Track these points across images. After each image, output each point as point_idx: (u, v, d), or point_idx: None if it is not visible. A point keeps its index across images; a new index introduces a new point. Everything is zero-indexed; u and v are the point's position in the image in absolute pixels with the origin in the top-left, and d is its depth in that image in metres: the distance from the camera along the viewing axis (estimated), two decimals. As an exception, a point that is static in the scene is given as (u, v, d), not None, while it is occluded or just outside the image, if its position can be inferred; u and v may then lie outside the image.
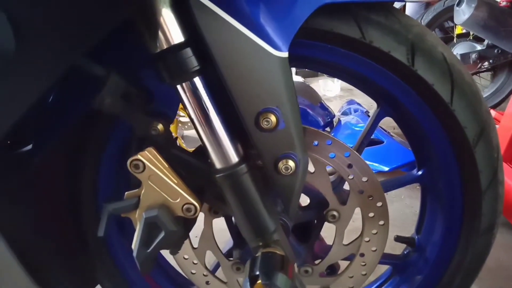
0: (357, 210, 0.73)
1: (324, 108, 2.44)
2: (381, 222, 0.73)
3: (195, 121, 0.59)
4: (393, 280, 0.86)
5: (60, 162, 0.78)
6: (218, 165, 0.60)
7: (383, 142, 1.93)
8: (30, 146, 0.77)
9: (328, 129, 2.35)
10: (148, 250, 0.62)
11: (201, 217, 0.72)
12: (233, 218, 0.82)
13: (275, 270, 0.58)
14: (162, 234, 0.61)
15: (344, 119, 2.35)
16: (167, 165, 0.61)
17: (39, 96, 0.52)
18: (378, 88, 0.67)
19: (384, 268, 0.91)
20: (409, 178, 0.78)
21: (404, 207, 1.72)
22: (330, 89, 3.89)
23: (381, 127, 2.10)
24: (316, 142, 0.68)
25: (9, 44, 0.36)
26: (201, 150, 0.67)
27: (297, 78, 3.77)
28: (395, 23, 0.60)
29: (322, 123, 2.27)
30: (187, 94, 0.57)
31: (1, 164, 0.72)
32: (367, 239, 0.74)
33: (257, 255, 0.62)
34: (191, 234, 0.70)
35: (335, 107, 2.77)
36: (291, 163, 0.59)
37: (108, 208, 0.63)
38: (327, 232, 0.82)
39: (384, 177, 1.74)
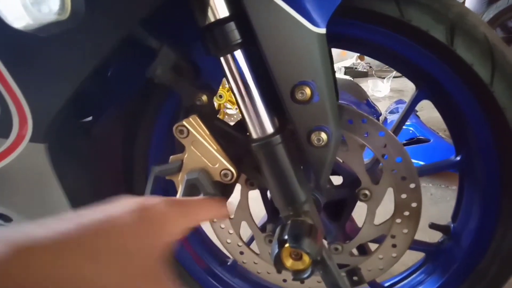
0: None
1: (370, 105, 2.41)
2: (414, 204, 0.73)
3: (235, 92, 0.64)
4: (426, 268, 0.86)
5: (117, 132, 0.87)
6: (254, 134, 0.64)
7: (430, 140, 1.87)
8: (90, 118, 0.87)
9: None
10: (188, 210, 0.68)
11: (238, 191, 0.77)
12: (268, 193, 0.87)
13: (303, 235, 0.61)
14: (201, 195, 0.67)
15: (390, 117, 2.30)
16: (209, 133, 0.67)
17: (100, 61, 0.59)
18: (417, 69, 0.68)
19: (418, 257, 0.91)
20: (447, 163, 0.78)
21: (449, 209, 1.66)
22: (380, 90, 3.80)
23: (429, 127, 2.04)
24: (351, 120, 0.70)
25: (81, 6, 0.43)
26: (240, 125, 0.72)
27: (346, 77, 3.74)
28: (434, 2, 0.60)
29: (367, 120, 2.24)
30: (230, 66, 0.62)
31: (67, 132, 0.81)
32: (398, 220, 0.75)
33: (287, 223, 0.66)
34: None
35: (384, 108, 2.72)
36: (323, 135, 0.62)
37: (155, 170, 0.70)
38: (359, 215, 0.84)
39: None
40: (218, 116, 0.73)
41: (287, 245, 0.60)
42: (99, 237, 0.30)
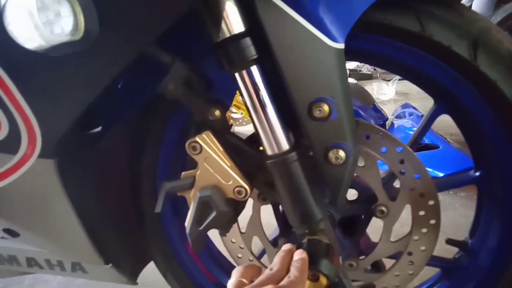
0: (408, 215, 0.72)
1: (377, 110, 2.39)
2: (432, 221, 0.71)
3: (250, 108, 0.62)
4: (441, 285, 0.84)
5: (124, 144, 0.85)
6: (269, 151, 0.63)
7: (438, 147, 1.85)
8: (99, 129, 0.85)
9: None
10: (200, 228, 0.66)
11: (249, 204, 0.76)
12: (280, 207, 0.85)
13: (320, 256, 0.59)
14: (213, 214, 0.65)
15: (398, 122, 2.28)
16: (222, 149, 0.65)
17: (112, 79, 0.58)
18: (436, 83, 0.66)
19: (432, 273, 0.88)
20: (466, 179, 0.75)
21: (457, 216, 1.64)
22: (385, 93, 3.77)
23: (438, 132, 2.01)
24: (367, 136, 0.68)
25: (95, 26, 0.41)
26: (254, 138, 0.70)
27: (350, 80, 3.71)
28: (457, 16, 0.58)
29: (374, 125, 2.22)
30: (245, 81, 0.60)
31: (75, 142, 0.79)
32: (416, 237, 0.73)
33: (302, 241, 0.64)
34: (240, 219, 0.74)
35: (389, 111, 2.69)
36: (341, 153, 0.60)
37: (166, 186, 0.68)
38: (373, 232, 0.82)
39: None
40: (230, 128, 0.71)
41: None
42: None
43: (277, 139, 0.62)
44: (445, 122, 0.75)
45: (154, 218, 0.91)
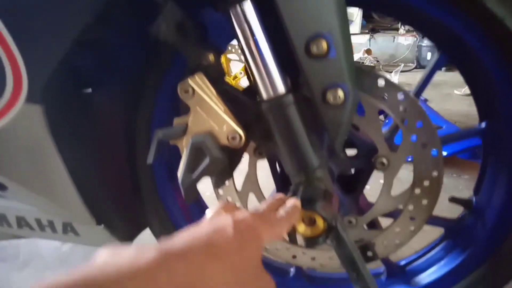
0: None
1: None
2: (435, 173, 0.68)
3: (245, 49, 0.59)
4: (445, 244, 0.81)
5: (119, 100, 0.83)
6: (265, 95, 0.60)
7: (441, 127, 1.82)
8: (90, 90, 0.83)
9: (382, 116, 2.26)
10: (193, 176, 0.64)
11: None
12: (277, 165, 0.82)
13: (317, 198, 0.56)
14: (207, 160, 0.63)
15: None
16: (216, 93, 0.62)
17: (94, 16, 0.56)
18: (440, 27, 0.63)
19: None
20: (470, 131, 0.73)
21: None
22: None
23: (441, 115, 1.98)
24: (368, 82, 0.65)
25: None
26: (249, 89, 0.68)
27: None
28: None
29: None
30: (239, 19, 0.57)
31: (66, 98, 0.77)
32: (417, 191, 0.70)
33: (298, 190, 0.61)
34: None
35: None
36: (340, 93, 0.57)
37: (158, 134, 0.66)
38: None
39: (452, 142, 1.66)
40: (225, 76, 0.68)
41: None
42: (212, 246, 0.35)
43: (272, 82, 0.59)
44: (448, 111, 0.73)
45: (149, 183, 0.89)
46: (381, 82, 0.64)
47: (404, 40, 5.22)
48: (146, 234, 0.95)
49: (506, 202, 0.71)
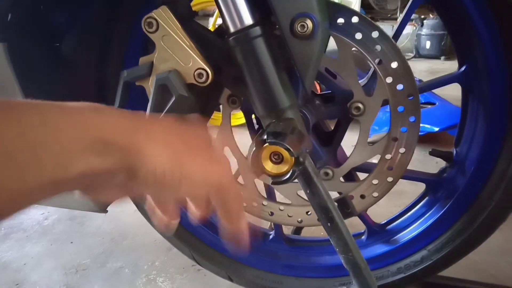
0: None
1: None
2: (412, 119, 0.66)
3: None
4: (427, 200, 0.79)
5: (90, 51, 0.80)
6: (232, 28, 0.57)
7: (435, 104, 1.79)
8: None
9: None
10: (160, 116, 0.61)
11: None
12: (253, 117, 0.80)
13: (285, 132, 0.54)
14: (173, 99, 0.60)
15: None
16: (181, 27, 0.60)
17: None
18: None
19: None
20: (449, 76, 0.70)
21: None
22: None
23: (434, 92, 1.96)
24: (341, 19, 0.63)
25: None
26: (221, 31, 0.65)
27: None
28: None
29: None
30: None
31: (35, 48, 0.74)
32: (395, 137, 0.68)
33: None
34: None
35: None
36: (308, 22, 0.54)
37: (124, 75, 0.63)
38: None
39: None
40: (194, 15, 0.66)
41: (266, 144, 0.53)
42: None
43: (239, 13, 0.57)
44: (445, 96, 0.70)
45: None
46: (355, 19, 0.62)
47: (402, 29, 5.19)
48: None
49: (484, 149, 0.69)
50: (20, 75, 0.68)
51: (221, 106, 0.75)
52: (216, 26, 1.56)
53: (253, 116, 0.78)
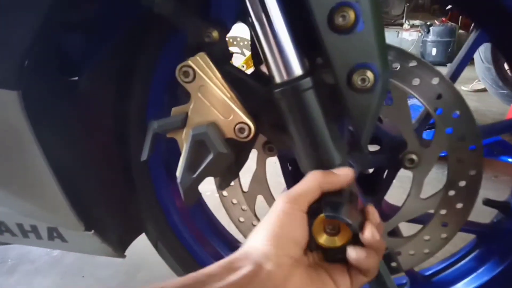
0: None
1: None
2: (472, 172, 0.59)
3: (255, 23, 0.50)
4: (478, 253, 0.72)
5: (107, 88, 0.74)
6: (278, 78, 0.51)
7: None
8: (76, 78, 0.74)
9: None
10: (194, 175, 0.54)
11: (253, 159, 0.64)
12: (288, 164, 0.73)
13: (342, 202, 0.47)
14: (210, 156, 0.53)
15: (410, 101, 2.15)
16: (220, 76, 0.53)
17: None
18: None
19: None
20: (511, 123, 0.63)
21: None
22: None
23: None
24: (396, 65, 0.56)
25: None
26: (259, 73, 0.59)
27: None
28: None
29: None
30: (249, -12, 0.48)
31: (48, 85, 0.68)
32: (452, 192, 0.61)
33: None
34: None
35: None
36: (369, 74, 0.48)
37: (153, 126, 0.56)
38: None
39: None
40: (231, 57, 0.59)
41: (321, 215, 0.46)
42: None
43: (287, 62, 0.50)
44: None
45: (146, 183, 0.80)
46: (412, 63, 0.55)
47: (408, 35, 5.15)
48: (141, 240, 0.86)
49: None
50: (34, 121, 0.61)
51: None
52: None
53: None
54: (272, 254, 0.41)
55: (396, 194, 0.73)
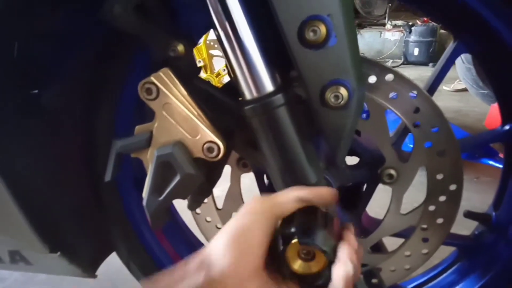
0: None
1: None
2: (453, 187, 0.57)
3: (222, 37, 0.47)
4: (459, 266, 0.70)
5: (74, 103, 0.69)
6: (248, 95, 0.48)
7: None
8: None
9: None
10: (160, 198, 0.51)
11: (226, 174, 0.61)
12: (265, 177, 0.70)
13: (317, 227, 0.44)
14: (177, 178, 0.50)
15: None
16: (186, 93, 0.50)
17: None
18: (459, 8, 0.52)
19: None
20: (491, 135, 0.62)
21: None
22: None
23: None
24: (373, 78, 0.54)
25: None
26: (229, 87, 0.55)
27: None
28: None
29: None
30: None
31: (9, 105, 0.63)
32: (432, 208, 0.59)
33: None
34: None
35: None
36: (343, 91, 0.45)
37: (116, 146, 0.53)
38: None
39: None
40: (199, 71, 0.56)
41: (294, 240, 0.43)
42: None
43: (257, 77, 0.47)
44: None
45: (115, 201, 0.76)
46: (389, 76, 0.53)
47: (391, 35, 5.19)
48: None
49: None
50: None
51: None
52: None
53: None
54: (229, 263, 0.39)
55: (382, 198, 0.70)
